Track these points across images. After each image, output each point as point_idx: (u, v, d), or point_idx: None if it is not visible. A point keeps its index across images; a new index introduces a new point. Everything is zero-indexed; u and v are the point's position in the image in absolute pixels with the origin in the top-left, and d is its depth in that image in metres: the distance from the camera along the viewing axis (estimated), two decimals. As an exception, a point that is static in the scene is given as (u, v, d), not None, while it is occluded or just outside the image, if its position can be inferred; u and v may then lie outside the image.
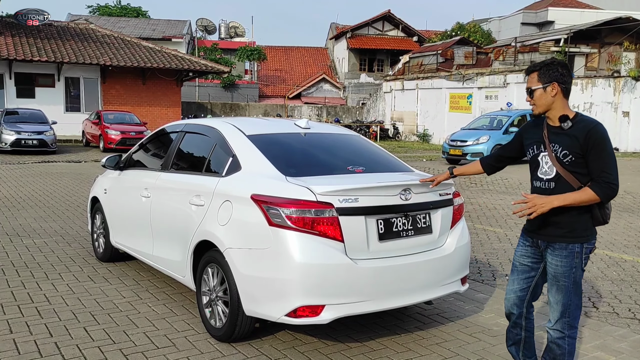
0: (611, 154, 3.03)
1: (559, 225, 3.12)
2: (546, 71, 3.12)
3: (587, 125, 3.05)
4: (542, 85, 3.12)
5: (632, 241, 7.80)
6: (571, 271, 3.12)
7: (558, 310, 3.19)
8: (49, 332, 4.20)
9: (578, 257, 3.12)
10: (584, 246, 3.13)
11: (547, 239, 3.18)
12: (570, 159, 3.06)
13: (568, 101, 3.16)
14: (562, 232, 3.12)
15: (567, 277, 3.13)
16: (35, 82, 26.48)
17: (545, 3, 44.16)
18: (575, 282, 3.14)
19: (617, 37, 28.32)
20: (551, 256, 3.17)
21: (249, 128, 4.67)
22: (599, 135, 3.03)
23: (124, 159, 5.97)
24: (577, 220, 3.09)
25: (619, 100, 24.44)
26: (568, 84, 3.13)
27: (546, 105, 3.14)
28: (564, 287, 3.15)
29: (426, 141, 31.24)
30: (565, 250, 3.12)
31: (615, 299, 5.32)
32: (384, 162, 4.77)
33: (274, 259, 3.70)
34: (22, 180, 12.77)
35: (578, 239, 3.11)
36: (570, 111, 3.13)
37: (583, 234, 3.12)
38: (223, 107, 38.36)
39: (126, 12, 54.60)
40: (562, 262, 3.13)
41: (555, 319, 3.22)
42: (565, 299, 3.16)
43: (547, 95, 3.11)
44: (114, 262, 6.13)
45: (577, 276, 3.14)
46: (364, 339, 4.23)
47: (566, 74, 3.11)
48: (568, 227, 3.10)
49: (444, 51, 33.18)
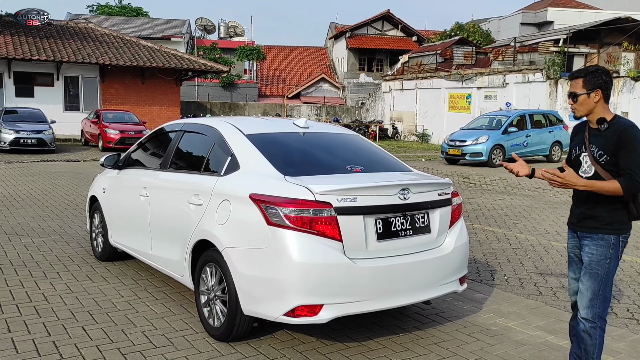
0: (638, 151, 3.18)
1: (596, 218, 3.32)
2: (591, 78, 3.29)
3: (621, 126, 3.25)
4: (587, 92, 3.30)
5: (631, 241, 7.81)
6: (606, 261, 3.29)
7: (587, 297, 3.33)
8: (47, 331, 4.20)
9: (614, 248, 3.29)
10: (620, 239, 3.31)
11: (585, 230, 3.37)
12: (606, 158, 3.25)
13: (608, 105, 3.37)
14: (601, 224, 3.31)
15: (601, 265, 3.30)
16: (35, 81, 26.44)
17: (545, 3, 44.17)
18: (608, 273, 3.30)
19: (616, 37, 28.34)
20: (588, 246, 3.35)
21: (247, 127, 4.67)
22: (630, 136, 3.20)
23: (122, 158, 5.97)
24: (614, 214, 3.28)
25: (618, 101, 24.44)
26: (609, 91, 3.33)
27: (588, 110, 3.33)
28: (596, 274, 3.31)
29: (425, 141, 31.24)
30: (602, 240, 3.30)
31: (613, 299, 5.32)
32: (382, 162, 4.77)
33: (273, 258, 3.70)
34: (20, 179, 12.76)
35: (615, 231, 3.29)
36: (609, 114, 3.32)
37: (619, 227, 3.30)
38: (222, 106, 38.35)
39: (126, 12, 54.56)
40: (598, 251, 3.31)
41: (584, 306, 3.35)
42: (596, 286, 3.30)
43: (591, 101, 3.30)
44: (112, 262, 6.12)
45: (611, 267, 3.31)
46: (362, 339, 4.23)
47: (609, 82, 3.31)
48: (606, 221, 3.29)
49: (443, 51, 33.18)
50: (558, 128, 20.22)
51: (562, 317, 4.79)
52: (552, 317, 4.78)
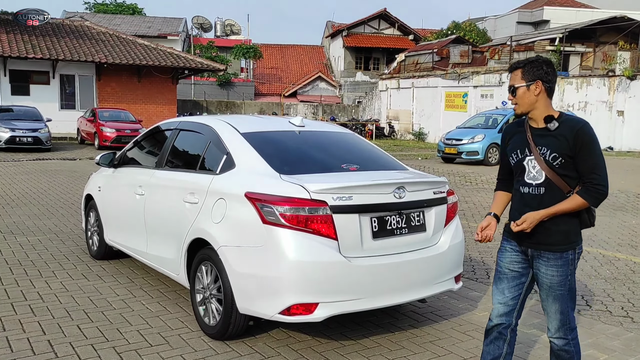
0: (600, 154, 2.91)
1: (550, 232, 2.95)
2: (530, 69, 2.95)
3: (575, 125, 2.91)
4: (526, 84, 2.95)
5: (626, 240, 7.83)
6: (567, 279, 2.99)
7: (557, 319, 3.06)
8: (42, 330, 4.19)
9: (572, 263, 3.00)
10: (576, 252, 3.01)
11: (539, 247, 3.00)
12: (560, 161, 2.90)
13: (551, 101, 3.02)
14: (555, 240, 2.96)
15: (563, 285, 2.99)
16: (30, 80, 26.37)
17: (541, 2, 44.22)
18: (570, 289, 3.03)
19: (612, 36, 28.41)
20: (545, 266, 3.00)
21: (243, 126, 4.67)
22: (588, 135, 2.89)
23: (118, 157, 5.96)
24: (568, 227, 2.96)
25: (614, 100, 24.52)
26: (552, 83, 2.97)
27: (529, 105, 2.97)
28: (560, 295, 3.01)
29: (422, 140, 31.27)
30: (561, 259, 2.97)
31: (608, 297, 5.34)
32: (378, 160, 4.77)
33: (268, 256, 3.70)
34: (16, 178, 12.73)
35: (571, 244, 2.98)
36: (554, 111, 2.98)
37: (575, 239, 2.99)
38: (219, 105, 38.31)
39: (122, 10, 54.41)
40: (558, 272, 2.98)
41: (556, 328, 3.08)
42: (564, 307, 3.03)
43: (531, 94, 2.94)
44: (107, 260, 6.11)
45: (572, 282, 3.04)
46: (357, 337, 4.24)
47: (551, 72, 2.95)
48: (561, 235, 2.95)
49: (440, 50, 33.22)
50: (554, 127, 20.23)
51: (557, 315, 4.80)
52: (547, 315, 4.79)
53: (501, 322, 3.15)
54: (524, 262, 3.09)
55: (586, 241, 7.64)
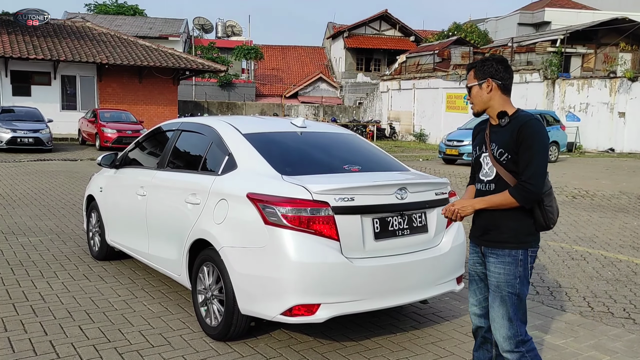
0: (540, 151, 2.81)
1: (500, 229, 2.93)
2: (481, 67, 2.98)
3: (521, 120, 2.88)
4: (478, 82, 2.98)
5: (628, 241, 7.83)
6: (515, 280, 2.90)
7: (505, 326, 2.92)
8: (44, 331, 4.19)
9: (522, 265, 2.90)
10: (528, 253, 2.92)
11: (489, 245, 2.97)
12: (507, 157, 2.88)
13: (509, 98, 3.01)
14: (505, 237, 2.91)
15: (510, 286, 2.90)
16: (31, 80, 26.40)
17: (542, 4, 44.24)
18: (518, 294, 2.91)
19: (613, 37, 28.41)
20: (494, 264, 2.95)
21: (245, 127, 4.66)
22: (531, 130, 2.82)
23: (119, 157, 5.96)
24: (519, 224, 2.90)
25: (615, 101, 24.50)
26: (505, 80, 2.96)
27: (483, 103, 3.00)
28: (507, 298, 2.90)
29: (423, 141, 31.27)
30: (509, 257, 2.90)
31: (610, 298, 5.34)
32: (380, 162, 4.77)
33: (270, 257, 3.70)
34: (17, 179, 12.73)
35: (522, 244, 2.90)
36: (511, 107, 2.97)
37: (526, 239, 2.91)
38: (220, 106, 38.32)
39: (123, 11, 54.47)
40: (505, 270, 2.91)
41: (504, 338, 2.93)
42: (511, 312, 2.90)
43: (483, 92, 2.97)
44: (109, 261, 6.11)
45: (521, 289, 2.92)
46: (359, 338, 4.23)
47: (502, 70, 2.95)
48: (510, 232, 2.90)
49: (441, 51, 33.22)
50: (555, 128, 20.25)
51: (558, 316, 4.80)
52: (549, 317, 4.79)
53: (480, 325, 3.17)
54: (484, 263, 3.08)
55: (588, 242, 7.64)
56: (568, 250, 7.16)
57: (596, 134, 24.84)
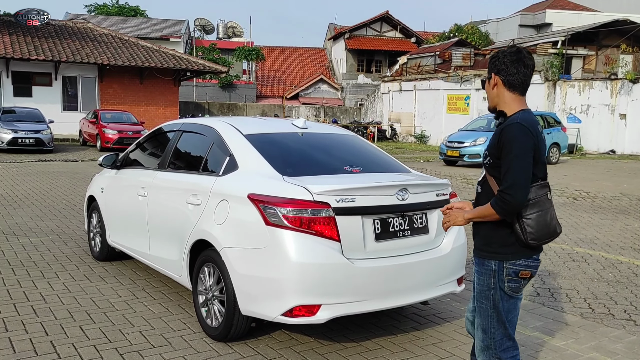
0: (517, 157, 2.57)
1: (478, 236, 2.82)
2: (491, 61, 2.80)
3: (505, 123, 2.69)
4: (487, 77, 2.83)
5: (628, 243, 7.82)
6: (489, 292, 2.73)
7: (479, 338, 2.81)
8: (45, 331, 4.19)
9: (495, 276, 2.71)
10: (505, 265, 2.70)
11: (474, 253, 2.87)
12: (489, 161, 2.74)
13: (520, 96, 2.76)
14: (479, 244, 2.80)
15: (485, 298, 2.76)
16: (33, 81, 26.43)
17: (543, 5, 44.25)
18: (495, 307, 2.73)
19: (614, 39, 28.41)
20: (473, 271, 2.86)
21: (246, 127, 4.67)
22: (509, 135, 2.61)
23: (120, 158, 5.96)
24: (493, 234, 2.73)
25: (616, 103, 24.51)
26: (511, 76, 2.72)
27: (491, 99, 2.82)
28: (482, 309, 2.78)
29: (423, 142, 31.27)
30: (482, 266, 2.77)
31: (610, 300, 5.33)
32: (381, 163, 4.77)
33: (271, 258, 3.70)
34: (18, 179, 12.75)
35: (495, 255, 2.71)
36: (515, 107, 2.73)
37: (500, 250, 2.70)
38: (221, 107, 38.34)
39: (124, 12, 54.53)
40: (479, 280, 2.79)
41: (478, 349, 2.83)
42: (485, 324, 2.77)
43: (489, 88, 2.81)
44: (110, 261, 6.12)
45: (497, 300, 2.73)
46: (360, 339, 4.23)
47: (510, 64, 2.71)
48: (484, 240, 2.77)
49: (442, 52, 33.23)
50: (556, 130, 20.25)
51: (559, 318, 4.80)
52: (550, 318, 4.79)
53: (471, 333, 3.05)
54: None
55: (588, 244, 7.63)
56: (569, 252, 7.15)
57: (597, 135, 24.84)
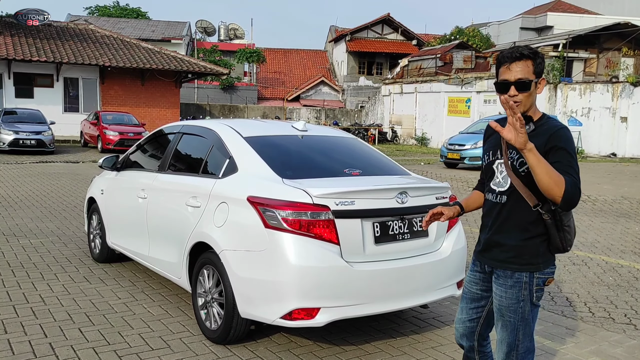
0: (575, 157, 2.47)
1: (503, 248, 2.62)
2: (541, 62, 2.51)
3: (551, 128, 2.50)
4: (536, 79, 2.52)
5: (629, 246, 7.81)
6: (518, 305, 2.60)
7: (503, 351, 2.67)
8: (44, 333, 4.19)
9: (526, 288, 2.59)
10: (535, 276, 2.58)
11: (492, 264, 2.69)
12: (527, 168, 2.47)
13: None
14: (507, 257, 2.61)
15: (513, 311, 2.61)
16: (34, 82, 26.46)
17: (545, 8, 44.27)
18: (523, 319, 2.62)
19: (615, 42, 28.40)
20: (496, 285, 2.67)
21: (246, 130, 4.67)
22: (563, 137, 2.46)
23: (121, 160, 5.96)
24: (524, 244, 2.57)
25: (617, 106, 24.49)
26: None
27: (530, 104, 2.56)
28: (509, 323, 2.63)
29: (424, 145, 31.26)
30: (511, 279, 2.60)
31: (611, 304, 5.32)
32: (381, 166, 4.77)
33: (270, 261, 3.70)
34: (19, 180, 12.75)
35: (526, 266, 2.58)
36: (537, 112, 2.61)
37: (533, 260, 2.58)
38: (222, 108, 38.36)
39: (125, 13, 54.62)
40: (507, 294, 2.61)
41: None
42: (512, 338, 2.64)
43: (534, 91, 2.54)
44: (110, 263, 6.11)
45: (526, 312, 2.61)
46: (359, 342, 4.23)
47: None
48: (515, 252, 2.59)
49: (443, 55, 33.23)
50: (557, 132, 20.21)
51: (559, 322, 4.79)
52: (549, 322, 4.78)
53: (462, 344, 2.94)
54: (482, 284, 2.81)
55: (589, 247, 7.62)
56: (569, 255, 7.14)
57: (598, 138, 24.82)
